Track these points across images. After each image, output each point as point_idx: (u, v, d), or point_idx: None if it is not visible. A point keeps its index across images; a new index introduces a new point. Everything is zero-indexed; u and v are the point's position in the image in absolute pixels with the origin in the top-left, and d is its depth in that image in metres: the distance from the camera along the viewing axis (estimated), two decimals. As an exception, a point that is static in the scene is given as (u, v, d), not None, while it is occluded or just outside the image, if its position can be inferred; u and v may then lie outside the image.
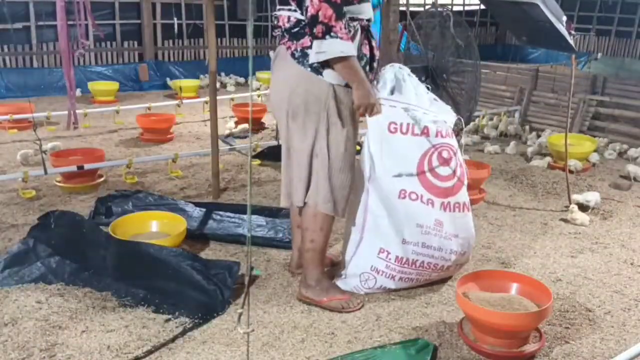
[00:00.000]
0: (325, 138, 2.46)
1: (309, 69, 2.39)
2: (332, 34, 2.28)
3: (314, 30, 2.30)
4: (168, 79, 8.58)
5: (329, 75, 2.40)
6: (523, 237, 3.50)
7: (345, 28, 2.31)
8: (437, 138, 2.59)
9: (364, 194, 2.65)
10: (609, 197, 4.19)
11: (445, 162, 2.61)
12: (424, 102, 2.65)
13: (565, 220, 3.75)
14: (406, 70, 2.69)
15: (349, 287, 2.72)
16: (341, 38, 2.29)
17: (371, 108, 2.51)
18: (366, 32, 2.50)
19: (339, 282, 2.75)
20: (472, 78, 4.20)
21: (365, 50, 2.50)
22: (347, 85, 2.43)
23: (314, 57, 2.34)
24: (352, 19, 2.39)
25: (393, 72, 2.65)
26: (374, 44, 2.55)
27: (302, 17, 2.38)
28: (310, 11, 2.29)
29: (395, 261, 2.64)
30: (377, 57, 2.59)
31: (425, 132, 2.57)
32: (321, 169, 2.49)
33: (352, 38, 2.39)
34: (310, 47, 2.36)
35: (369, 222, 2.66)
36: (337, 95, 2.43)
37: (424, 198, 2.61)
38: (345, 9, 2.31)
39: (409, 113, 2.56)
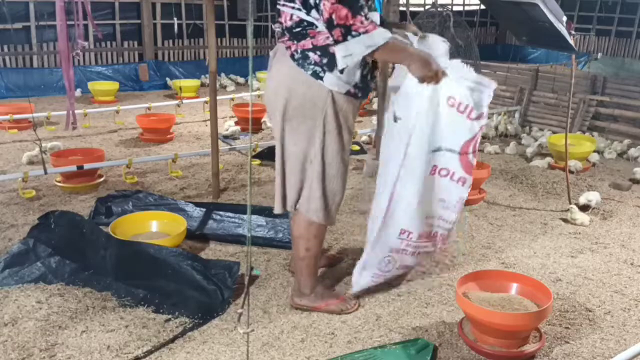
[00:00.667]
0: (320, 145, 2.38)
1: (309, 72, 2.30)
2: (353, 33, 2.17)
3: (333, 35, 2.19)
4: (168, 79, 8.58)
5: (329, 80, 2.29)
6: (523, 237, 3.50)
7: (367, 19, 2.17)
8: (482, 120, 2.42)
9: (390, 182, 2.46)
10: (609, 197, 4.19)
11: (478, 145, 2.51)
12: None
13: (565, 220, 3.75)
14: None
15: (368, 280, 2.61)
16: (365, 32, 2.16)
17: (435, 76, 2.28)
18: None
19: (359, 281, 2.63)
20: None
21: (368, 57, 2.34)
22: (347, 93, 2.34)
23: (341, 63, 2.24)
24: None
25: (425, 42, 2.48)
26: None
27: (306, 17, 2.28)
28: (325, 16, 2.18)
29: (417, 238, 2.54)
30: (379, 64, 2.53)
31: (480, 116, 2.38)
32: (315, 177, 2.41)
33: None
34: (311, 49, 2.29)
35: (393, 208, 2.48)
36: (336, 102, 2.33)
37: (455, 176, 2.46)
38: (362, 3, 2.18)
39: (473, 94, 2.34)
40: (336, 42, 2.19)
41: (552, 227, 3.68)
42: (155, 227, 3.27)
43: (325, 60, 2.27)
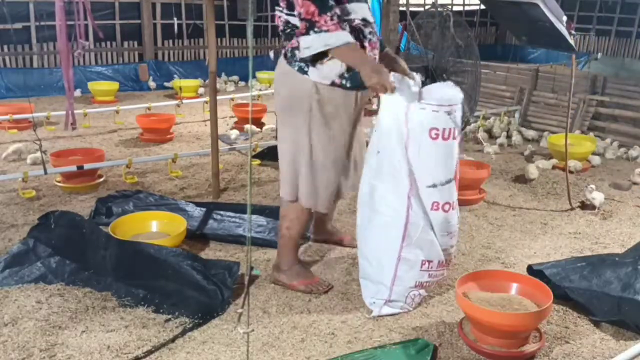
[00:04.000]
0: (307, 135, 2.53)
1: (296, 67, 2.48)
2: (315, 29, 2.35)
3: (300, 27, 2.39)
4: (165, 83, 8.59)
5: (313, 73, 2.46)
6: (523, 237, 3.50)
7: (332, 20, 2.34)
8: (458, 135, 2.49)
9: (402, 206, 2.44)
10: (609, 197, 4.19)
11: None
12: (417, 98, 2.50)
13: (582, 204, 3.91)
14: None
15: (395, 310, 2.58)
16: (327, 31, 2.34)
17: (382, 86, 2.37)
18: (358, 32, 2.49)
19: (383, 308, 2.56)
20: (472, 78, 4.21)
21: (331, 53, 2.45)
22: (332, 84, 2.47)
23: (301, 53, 2.42)
24: (341, 19, 2.42)
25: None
26: (366, 44, 2.53)
27: (291, 19, 2.46)
28: (297, 9, 2.38)
29: (437, 266, 2.56)
30: (374, 58, 2.57)
31: (459, 131, 2.45)
32: (304, 165, 2.56)
33: None
34: (297, 47, 2.44)
35: (410, 236, 2.46)
36: (321, 94, 2.48)
37: (454, 205, 2.50)
38: (332, 4, 2.35)
39: (451, 117, 2.40)
40: (300, 34, 2.40)
41: (552, 227, 3.68)
42: (155, 227, 3.27)
43: (311, 57, 2.42)
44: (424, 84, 2.92)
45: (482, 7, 11.13)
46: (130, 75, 8.69)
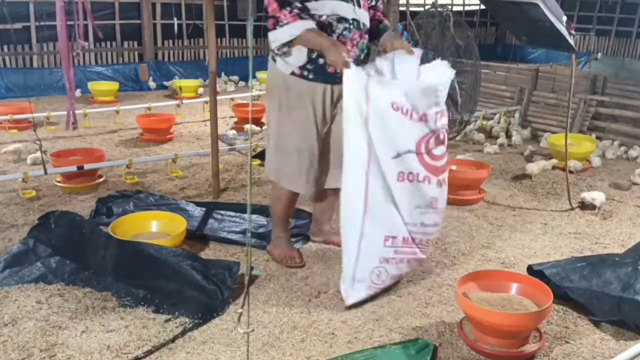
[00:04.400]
0: (277, 119, 2.82)
1: (270, 58, 2.79)
2: (280, 23, 2.60)
3: (268, 24, 2.64)
4: (165, 82, 8.59)
5: (280, 64, 2.74)
6: (523, 237, 3.50)
7: (290, 13, 2.57)
8: (437, 122, 2.57)
9: (362, 182, 2.51)
10: (609, 197, 4.18)
11: (441, 142, 2.62)
12: (412, 77, 2.63)
13: (582, 204, 3.90)
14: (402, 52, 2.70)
15: (363, 293, 2.62)
16: (287, 23, 2.58)
17: (341, 62, 2.51)
18: (325, 27, 2.64)
19: (352, 294, 2.61)
20: (472, 78, 4.21)
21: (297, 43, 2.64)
22: (292, 74, 2.70)
23: (272, 47, 2.69)
24: (310, 15, 2.61)
25: (393, 56, 2.67)
26: (333, 38, 2.64)
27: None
28: (266, 8, 2.63)
29: (402, 244, 2.61)
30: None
31: (423, 118, 2.54)
32: (272, 145, 2.87)
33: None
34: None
35: (370, 212, 2.53)
36: (287, 82, 2.73)
37: (420, 176, 2.57)
38: (298, 3, 2.57)
39: (408, 98, 2.50)
40: (269, 30, 2.65)
41: (552, 227, 3.68)
42: (155, 227, 3.27)
43: (278, 49, 2.69)
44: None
45: (482, 7, 11.13)
46: (130, 75, 8.69)
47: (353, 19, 2.68)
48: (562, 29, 3.56)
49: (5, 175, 4.18)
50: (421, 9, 9.82)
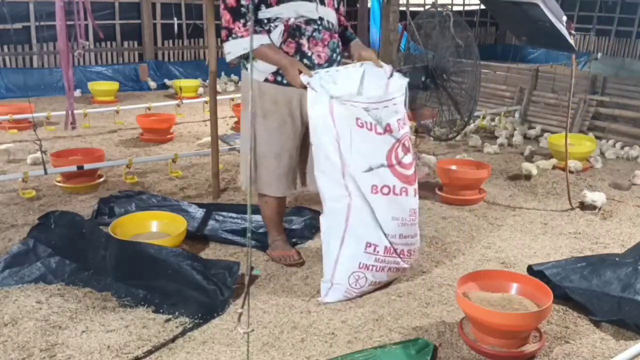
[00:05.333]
0: (252, 126, 2.79)
1: (244, 68, 2.80)
2: (233, 35, 2.63)
3: (222, 36, 2.67)
4: (166, 80, 8.59)
5: (249, 71, 2.73)
6: (523, 237, 3.50)
7: (244, 26, 2.59)
8: (400, 131, 2.60)
9: (342, 192, 2.57)
10: (609, 197, 4.18)
11: (407, 150, 2.65)
12: (380, 91, 2.67)
13: (582, 204, 3.91)
14: (361, 63, 2.75)
15: (340, 295, 2.66)
16: (242, 37, 2.61)
17: (298, 84, 2.59)
18: (294, 30, 2.66)
19: (329, 293, 2.67)
20: (472, 78, 4.20)
21: (288, 48, 2.68)
22: (266, 80, 2.71)
23: (227, 57, 2.69)
24: (272, 19, 2.65)
25: (355, 68, 2.72)
26: (303, 41, 2.67)
27: None
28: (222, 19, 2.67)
29: (384, 252, 2.64)
30: (311, 54, 2.70)
31: (387, 129, 2.56)
32: (248, 152, 2.74)
33: (269, 34, 2.66)
34: None
35: (352, 218, 2.59)
36: (260, 89, 2.74)
37: (396, 189, 2.60)
38: (244, 11, 2.58)
39: (369, 113, 2.53)
40: (222, 41, 2.67)
41: (552, 227, 3.67)
42: (155, 227, 3.27)
43: (246, 57, 2.71)
44: (423, 83, 2.96)
45: (482, 7, 11.12)
46: (130, 75, 8.69)
47: (320, 18, 2.71)
48: (562, 29, 3.55)
49: (5, 175, 4.18)
50: (421, 9, 9.81)
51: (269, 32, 2.66)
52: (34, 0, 7.71)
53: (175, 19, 9.14)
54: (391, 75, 2.73)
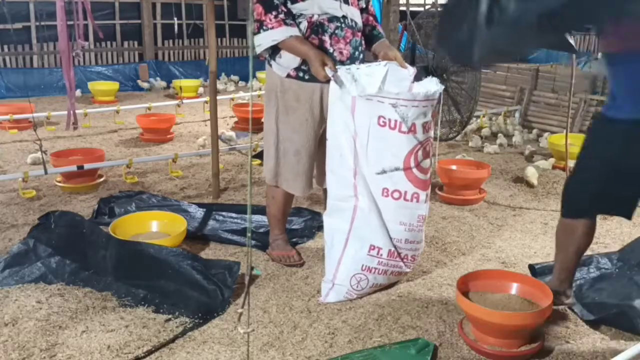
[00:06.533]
0: (275, 123, 2.80)
1: (268, 64, 2.79)
2: (264, 27, 2.62)
3: (254, 28, 2.68)
4: (165, 82, 8.60)
5: (276, 67, 2.75)
6: (523, 237, 3.50)
7: (276, 18, 2.59)
8: (424, 134, 2.55)
9: (350, 192, 2.57)
10: (609, 197, 4.18)
11: (427, 155, 2.62)
12: (407, 90, 2.64)
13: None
14: (385, 62, 2.71)
15: (340, 296, 2.66)
16: (272, 28, 2.61)
17: (322, 76, 2.58)
18: (317, 27, 2.66)
19: (330, 294, 2.67)
20: (472, 78, 4.21)
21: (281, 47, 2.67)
22: (288, 76, 2.72)
23: (257, 50, 2.70)
24: (296, 16, 2.65)
25: (378, 67, 2.69)
26: (326, 38, 2.67)
27: None
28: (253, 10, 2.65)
29: (387, 256, 2.63)
30: (332, 51, 2.68)
31: (412, 129, 2.50)
32: (272, 149, 2.82)
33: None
34: None
35: (357, 219, 2.58)
36: (283, 85, 2.74)
37: (407, 195, 2.56)
38: (277, 3, 2.59)
39: (397, 110, 2.46)
40: (254, 34, 2.66)
41: (552, 227, 3.67)
42: (155, 227, 3.27)
43: (270, 52, 2.74)
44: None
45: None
46: (131, 75, 8.70)
47: (343, 17, 2.70)
48: (562, 29, 3.55)
49: (5, 175, 4.18)
50: (421, 9, 9.82)
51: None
52: (34, 0, 7.71)
53: (175, 18, 9.15)
54: (415, 77, 2.68)
